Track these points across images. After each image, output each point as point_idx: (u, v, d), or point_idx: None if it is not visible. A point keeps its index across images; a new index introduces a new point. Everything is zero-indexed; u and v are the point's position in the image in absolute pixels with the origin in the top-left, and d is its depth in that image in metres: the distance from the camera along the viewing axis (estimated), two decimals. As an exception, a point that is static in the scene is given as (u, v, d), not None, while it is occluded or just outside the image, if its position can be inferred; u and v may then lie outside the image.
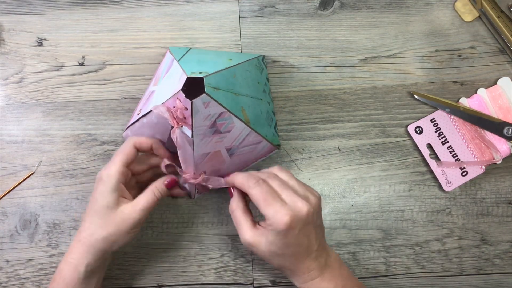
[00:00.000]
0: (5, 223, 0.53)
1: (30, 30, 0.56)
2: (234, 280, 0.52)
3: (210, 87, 0.42)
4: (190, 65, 0.45)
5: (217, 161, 0.47)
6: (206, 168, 0.47)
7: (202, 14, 0.56)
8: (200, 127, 0.43)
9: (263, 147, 0.50)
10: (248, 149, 0.49)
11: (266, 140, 0.49)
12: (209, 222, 0.53)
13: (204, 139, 0.44)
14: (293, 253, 0.42)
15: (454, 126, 0.54)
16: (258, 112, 0.49)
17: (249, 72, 0.49)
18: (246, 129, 0.46)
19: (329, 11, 0.56)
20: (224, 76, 0.44)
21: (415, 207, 0.53)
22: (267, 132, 0.50)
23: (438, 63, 0.56)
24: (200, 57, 0.48)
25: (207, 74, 0.42)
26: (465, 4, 0.56)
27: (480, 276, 0.53)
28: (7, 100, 0.55)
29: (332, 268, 0.44)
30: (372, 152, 0.54)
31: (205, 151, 0.45)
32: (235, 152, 0.48)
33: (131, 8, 0.56)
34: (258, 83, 0.51)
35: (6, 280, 0.52)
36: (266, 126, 0.50)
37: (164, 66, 0.50)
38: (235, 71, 0.46)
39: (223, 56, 0.50)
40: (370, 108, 0.55)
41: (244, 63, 0.48)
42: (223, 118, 0.44)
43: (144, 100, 0.50)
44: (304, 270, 0.43)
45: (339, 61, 0.56)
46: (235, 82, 0.46)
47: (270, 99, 0.53)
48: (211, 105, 0.42)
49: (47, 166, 0.54)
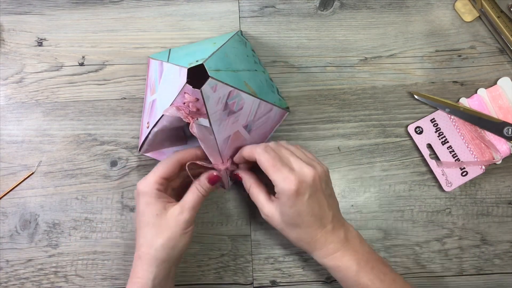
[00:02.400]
0: (5, 223, 0.53)
1: (30, 30, 0.56)
2: (234, 280, 0.52)
3: (212, 70, 0.42)
4: (182, 59, 0.45)
5: (239, 142, 0.48)
6: (231, 152, 0.47)
7: (202, 14, 0.56)
8: (214, 113, 0.43)
9: (275, 114, 0.51)
10: (263, 120, 0.49)
11: (275, 106, 0.50)
12: (209, 222, 0.53)
13: (221, 123, 0.44)
14: (306, 223, 0.42)
15: (454, 126, 0.54)
16: (258, 82, 0.49)
17: (236, 48, 0.50)
18: (255, 101, 0.47)
19: (329, 11, 0.56)
20: (218, 57, 0.44)
21: (415, 207, 0.53)
22: (274, 99, 0.50)
23: (438, 63, 0.56)
24: (186, 51, 0.49)
25: (204, 59, 0.42)
26: (465, 4, 0.56)
27: (480, 276, 0.53)
28: (7, 100, 0.55)
29: (353, 242, 0.44)
30: (372, 152, 0.54)
31: (226, 135, 0.45)
32: (252, 127, 0.48)
33: (131, 8, 0.56)
34: (247, 56, 0.51)
35: (6, 280, 0.52)
36: (270, 93, 0.51)
37: (153, 74, 0.50)
38: (224, 50, 0.46)
39: (206, 43, 0.50)
40: (370, 108, 0.55)
41: (228, 42, 0.48)
42: (232, 97, 0.44)
43: (148, 112, 0.50)
44: (322, 243, 0.43)
45: (339, 61, 0.56)
46: (230, 60, 0.46)
47: (263, 68, 0.54)
48: (219, 87, 0.42)
49: (47, 166, 0.54)
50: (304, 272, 0.52)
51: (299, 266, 0.53)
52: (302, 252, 0.52)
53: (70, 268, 0.52)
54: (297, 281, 0.52)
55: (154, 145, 0.50)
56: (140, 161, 0.54)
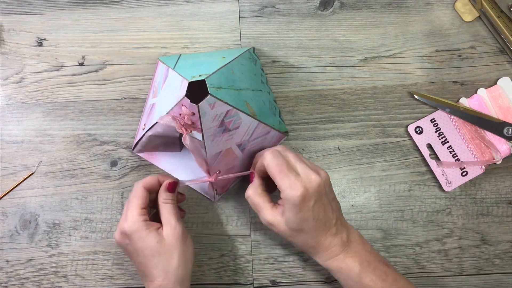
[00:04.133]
0: (5, 223, 0.53)
1: (30, 30, 0.56)
2: (234, 280, 0.52)
3: (213, 88, 0.42)
4: (187, 70, 0.45)
5: (230, 158, 0.47)
6: (221, 167, 0.47)
7: (202, 14, 0.56)
8: (209, 129, 0.43)
9: (272, 136, 0.50)
10: (258, 141, 0.49)
11: (274, 129, 0.50)
12: (209, 222, 0.53)
13: (214, 139, 0.44)
14: (312, 228, 0.43)
15: (454, 126, 0.54)
16: (261, 103, 0.49)
17: (244, 66, 0.49)
18: (254, 122, 0.46)
19: (329, 11, 0.56)
20: (223, 74, 0.44)
21: (415, 207, 0.53)
22: (273, 122, 0.50)
23: (438, 63, 0.56)
24: (194, 61, 0.48)
25: (207, 75, 0.42)
26: (465, 4, 0.56)
27: (480, 276, 0.53)
28: (7, 100, 0.55)
29: (355, 244, 0.45)
30: (372, 152, 0.54)
31: (217, 150, 0.45)
32: (246, 147, 0.48)
33: (131, 8, 0.56)
34: (255, 75, 0.51)
35: (6, 280, 0.52)
36: (271, 115, 0.51)
37: (159, 76, 0.50)
38: (231, 67, 0.46)
39: (215, 55, 0.50)
40: (370, 108, 0.55)
41: (238, 58, 0.48)
42: (230, 115, 0.44)
43: (147, 114, 0.50)
44: (326, 246, 0.44)
45: (339, 61, 0.56)
46: (234, 78, 0.46)
47: (269, 88, 0.54)
48: (217, 105, 0.42)
49: (47, 166, 0.54)
50: (304, 272, 0.52)
51: (299, 266, 0.53)
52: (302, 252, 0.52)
53: (70, 268, 0.52)
54: (297, 281, 0.52)
55: (147, 147, 0.51)
56: (140, 161, 0.54)
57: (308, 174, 0.42)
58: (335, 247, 0.44)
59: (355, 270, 0.43)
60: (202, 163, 0.46)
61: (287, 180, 0.42)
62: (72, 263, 0.52)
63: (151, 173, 0.53)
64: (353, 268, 0.43)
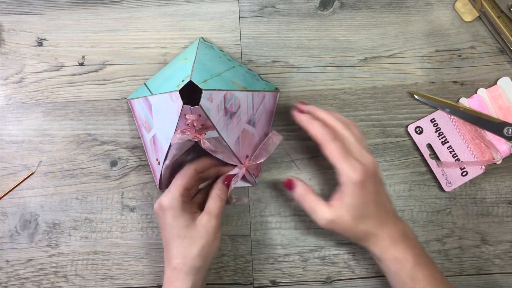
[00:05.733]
0: (5, 223, 0.53)
1: (30, 30, 0.56)
2: (234, 280, 0.52)
3: (201, 83, 0.43)
4: (165, 86, 0.46)
5: (248, 138, 0.49)
6: (245, 151, 0.48)
7: (202, 14, 0.56)
8: (219, 121, 0.44)
9: (268, 99, 0.52)
10: (261, 109, 0.50)
11: (266, 91, 0.51)
12: (209, 222, 0.53)
13: (228, 128, 0.45)
14: (374, 213, 0.43)
15: (454, 126, 0.54)
16: (242, 76, 0.50)
17: (207, 54, 0.50)
18: (248, 94, 0.48)
19: (329, 11, 0.56)
20: (198, 70, 0.45)
21: (415, 207, 0.53)
22: (261, 86, 0.52)
23: (438, 63, 0.56)
24: (163, 77, 0.50)
25: (188, 77, 0.43)
26: (465, 4, 0.56)
27: (480, 276, 0.53)
28: (7, 100, 0.55)
29: (411, 237, 0.45)
30: (372, 152, 0.54)
31: (235, 137, 0.46)
32: (254, 120, 0.49)
33: (131, 8, 0.56)
34: (220, 57, 0.52)
35: (6, 280, 0.52)
36: (256, 81, 0.52)
37: (142, 112, 0.50)
38: (200, 61, 0.47)
39: (178, 62, 0.51)
40: (370, 108, 0.55)
41: (199, 52, 0.49)
42: (227, 99, 0.45)
43: (152, 149, 0.50)
44: (387, 234, 0.44)
45: (339, 61, 0.56)
46: (208, 68, 0.47)
47: (238, 62, 0.54)
48: (214, 96, 0.43)
49: (47, 166, 0.54)
50: (304, 272, 0.52)
51: (299, 266, 0.53)
52: (302, 252, 0.52)
53: (70, 268, 0.52)
54: (297, 281, 0.52)
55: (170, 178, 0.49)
56: (141, 161, 0.54)
57: (364, 157, 0.44)
58: (396, 235, 0.44)
59: (410, 261, 0.43)
60: (230, 156, 0.47)
61: (347, 163, 0.42)
62: (72, 263, 0.52)
63: (151, 173, 0.53)
64: (409, 260, 0.43)
